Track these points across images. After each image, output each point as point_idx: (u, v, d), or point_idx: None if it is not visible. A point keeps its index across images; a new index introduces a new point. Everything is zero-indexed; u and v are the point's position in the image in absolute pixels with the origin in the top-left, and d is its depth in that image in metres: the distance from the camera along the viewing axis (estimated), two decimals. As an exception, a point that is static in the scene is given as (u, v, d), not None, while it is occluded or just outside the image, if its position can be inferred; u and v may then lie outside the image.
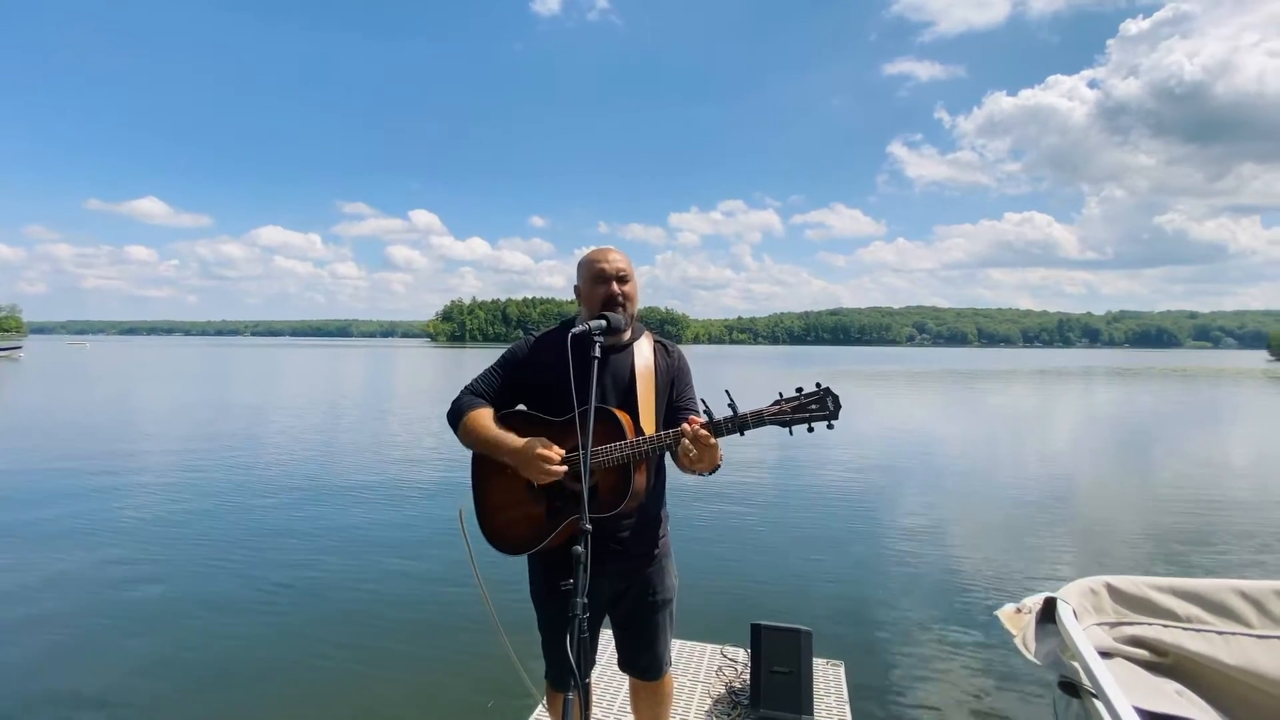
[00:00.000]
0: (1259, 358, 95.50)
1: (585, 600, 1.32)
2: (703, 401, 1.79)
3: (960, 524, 7.02)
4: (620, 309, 1.84)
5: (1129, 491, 8.74)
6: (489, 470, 1.86)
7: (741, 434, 1.74)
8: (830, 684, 3.11)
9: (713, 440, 1.70)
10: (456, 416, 1.89)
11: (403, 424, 14.58)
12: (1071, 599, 1.72)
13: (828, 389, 1.71)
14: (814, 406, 1.71)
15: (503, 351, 1.99)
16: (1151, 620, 1.74)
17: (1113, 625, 1.75)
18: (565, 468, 1.71)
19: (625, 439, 1.76)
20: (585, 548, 1.40)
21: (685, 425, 1.70)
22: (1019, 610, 1.81)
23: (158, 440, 11.82)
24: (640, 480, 1.80)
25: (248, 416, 15.56)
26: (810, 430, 1.71)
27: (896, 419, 16.86)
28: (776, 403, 1.74)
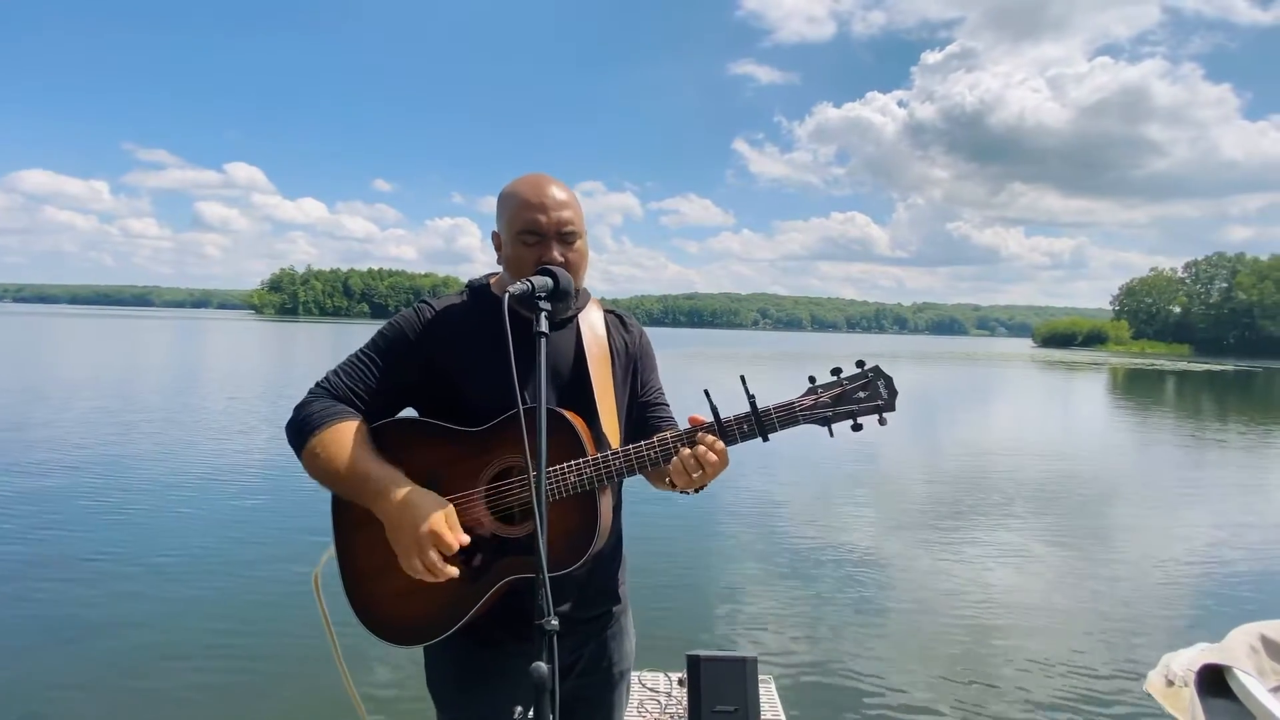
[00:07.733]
0: (1025, 344, 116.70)
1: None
2: (706, 394, 1.22)
3: (840, 501, 7.18)
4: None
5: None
6: (361, 516, 1.17)
7: (765, 439, 1.20)
8: (764, 704, 2.75)
9: (725, 450, 1.19)
10: (302, 432, 1.19)
11: (226, 425, 11.40)
12: (1242, 662, 1.41)
13: (877, 368, 1.23)
14: (862, 394, 1.22)
15: (378, 329, 1.29)
16: None
17: (1276, 689, 1.46)
18: (454, 570, 1.11)
19: (583, 453, 1.18)
20: (553, 661, 0.86)
21: (683, 432, 1.20)
22: (1170, 683, 1.46)
23: None
24: (607, 512, 1.24)
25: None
26: (857, 428, 1.21)
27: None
28: (811, 392, 1.22)
